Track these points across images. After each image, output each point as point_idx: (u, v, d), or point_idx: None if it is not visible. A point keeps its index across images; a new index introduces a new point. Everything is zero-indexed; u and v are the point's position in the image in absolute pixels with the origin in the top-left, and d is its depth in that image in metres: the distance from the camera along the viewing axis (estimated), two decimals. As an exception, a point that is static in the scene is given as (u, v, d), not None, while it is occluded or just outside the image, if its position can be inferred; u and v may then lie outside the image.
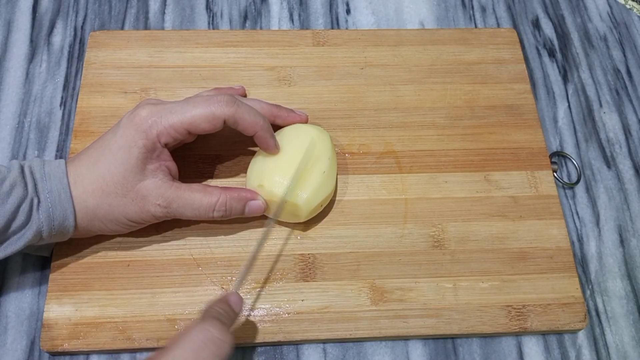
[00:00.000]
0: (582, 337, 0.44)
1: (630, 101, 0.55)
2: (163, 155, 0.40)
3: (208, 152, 0.48)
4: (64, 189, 0.38)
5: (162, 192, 0.40)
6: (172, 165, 0.41)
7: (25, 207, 0.37)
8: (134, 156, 0.39)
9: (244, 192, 0.42)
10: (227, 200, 0.41)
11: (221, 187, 0.42)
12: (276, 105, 0.46)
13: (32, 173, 0.39)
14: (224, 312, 0.36)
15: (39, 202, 0.38)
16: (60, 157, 0.49)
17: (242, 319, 0.42)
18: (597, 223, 0.49)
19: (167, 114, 0.39)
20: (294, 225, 0.45)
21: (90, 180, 0.39)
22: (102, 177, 0.39)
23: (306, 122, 0.47)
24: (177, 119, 0.39)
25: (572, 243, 0.48)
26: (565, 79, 0.56)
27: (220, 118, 0.40)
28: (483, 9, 0.59)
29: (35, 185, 0.38)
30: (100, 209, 0.39)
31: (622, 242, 0.48)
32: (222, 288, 0.43)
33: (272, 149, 0.43)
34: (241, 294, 0.42)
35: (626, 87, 0.56)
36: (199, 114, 0.40)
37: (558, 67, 0.56)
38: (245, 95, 0.50)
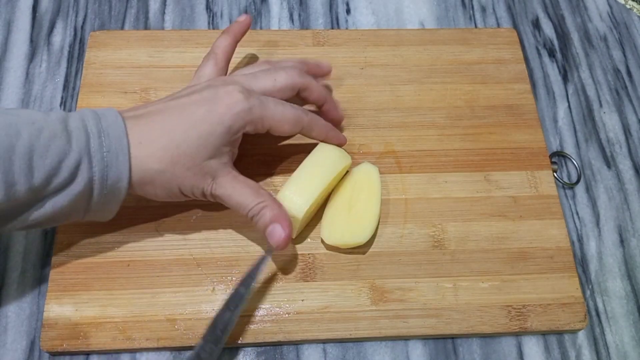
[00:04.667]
0: (582, 337, 0.44)
1: (630, 101, 0.55)
2: (237, 141, 0.41)
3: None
4: (122, 150, 0.36)
5: (218, 174, 0.40)
6: (236, 153, 0.42)
7: (69, 163, 0.35)
8: (216, 134, 0.38)
9: (283, 215, 0.40)
10: (265, 206, 0.39)
11: (273, 197, 0.41)
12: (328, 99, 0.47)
13: (84, 126, 0.36)
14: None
15: (90, 159, 0.36)
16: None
17: (242, 319, 0.42)
18: (597, 223, 0.49)
19: (261, 105, 0.40)
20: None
21: (162, 144, 0.38)
22: (176, 144, 0.38)
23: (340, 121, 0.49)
24: (269, 114, 0.40)
25: (572, 243, 0.48)
26: (565, 79, 0.56)
27: (301, 125, 0.42)
28: (483, 9, 0.59)
29: (88, 140, 0.36)
30: (162, 176, 0.38)
31: (622, 242, 0.48)
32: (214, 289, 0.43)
33: (343, 141, 0.46)
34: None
35: (626, 87, 0.56)
36: (287, 118, 0.41)
37: (558, 67, 0.56)
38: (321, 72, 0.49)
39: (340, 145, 0.46)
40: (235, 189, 0.40)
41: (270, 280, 0.43)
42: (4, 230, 0.36)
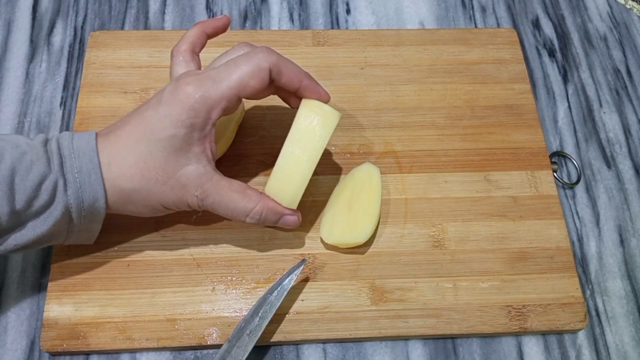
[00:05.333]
0: (582, 337, 0.44)
1: (630, 101, 0.55)
2: (210, 134, 0.37)
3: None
4: (94, 169, 0.35)
5: (202, 182, 0.37)
6: (214, 147, 0.38)
7: (48, 185, 0.34)
8: (179, 137, 0.35)
9: (281, 208, 0.40)
10: (263, 210, 0.39)
11: (260, 193, 0.39)
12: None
13: (59, 149, 0.36)
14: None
15: (65, 181, 0.35)
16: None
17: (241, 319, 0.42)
18: (597, 223, 0.49)
19: (214, 84, 0.36)
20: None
21: (129, 162, 0.36)
22: (143, 160, 0.36)
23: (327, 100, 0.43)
24: (225, 87, 0.36)
25: (572, 243, 0.48)
26: (565, 79, 0.56)
27: (266, 69, 0.37)
28: (483, 9, 0.59)
29: (62, 162, 0.35)
30: (136, 194, 0.37)
31: (622, 242, 0.48)
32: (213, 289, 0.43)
33: (324, 95, 0.41)
34: (241, 294, 0.42)
35: (626, 87, 0.56)
36: (245, 72, 0.36)
37: (558, 67, 0.56)
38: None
39: (319, 99, 0.41)
40: (224, 196, 0.38)
41: (270, 280, 0.43)
42: None
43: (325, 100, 0.41)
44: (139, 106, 0.38)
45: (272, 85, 0.40)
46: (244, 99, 0.44)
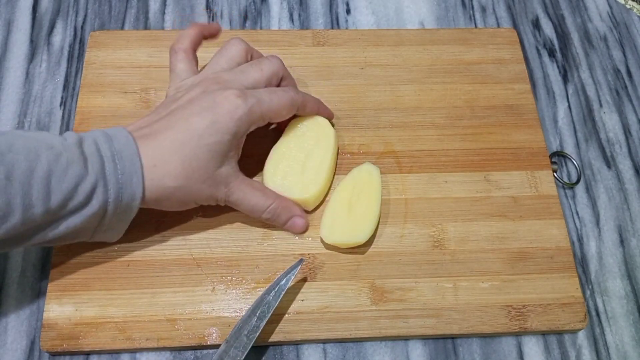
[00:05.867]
0: (582, 337, 0.44)
1: (630, 101, 0.55)
2: (241, 143, 0.42)
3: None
4: (136, 172, 0.37)
5: (230, 181, 0.41)
6: (240, 154, 0.43)
7: (85, 187, 0.36)
8: (224, 143, 0.39)
9: (294, 207, 0.44)
10: (278, 207, 0.43)
11: (276, 193, 0.44)
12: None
13: (98, 150, 0.37)
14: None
15: (105, 183, 0.36)
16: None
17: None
18: (597, 223, 0.49)
19: (258, 102, 0.41)
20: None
21: (176, 164, 0.38)
22: (188, 162, 0.39)
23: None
24: (266, 108, 0.41)
25: (572, 243, 0.48)
26: (565, 79, 0.56)
27: (296, 105, 0.43)
28: (483, 9, 0.59)
29: (102, 164, 0.37)
30: (178, 192, 0.39)
31: (622, 242, 0.48)
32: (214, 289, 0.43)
33: (331, 115, 0.49)
34: (241, 294, 0.42)
35: (626, 87, 0.56)
36: (284, 103, 0.42)
37: (558, 67, 0.56)
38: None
39: (330, 118, 0.48)
40: (246, 193, 0.42)
41: (270, 280, 0.43)
42: (16, 248, 0.37)
43: (332, 117, 0.49)
44: (172, 109, 0.40)
45: None
46: None
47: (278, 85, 0.45)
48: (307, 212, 0.46)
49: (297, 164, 0.45)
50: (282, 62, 0.45)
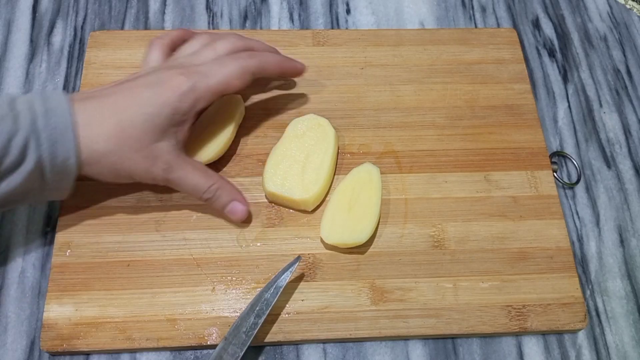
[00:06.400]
0: (582, 337, 0.44)
1: (630, 101, 0.55)
2: (189, 121, 0.41)
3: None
4: (68, 128, 0.37)
5: (169, 158, 0.41)
6: (186, 135, 0.42)
7: (18, 142, 0.36)
8: (162, 116, 0.39)
9: (237, 192, 0.44)
10: (219, 188, 0.42)
11: (221, 175, 0.43)
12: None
13: (31, 108, 0.37)
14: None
15: (37, 137, 0.36)
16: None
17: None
18: (597, 223, 0.49)
19: (203, 78, 0.40)
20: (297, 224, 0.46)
21: (110, 125, 0.38)
22: (123, 127, 0.39)
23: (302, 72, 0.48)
24: (213, 82, 0.41)
25: (572, 243, 0.48)
26: (565, 79, 0.56)
27: (250, 72, 0.42)
28: (483, 9, 0.59)
29: (34, 120, 0.37)
30: (109, 157, 0.39)
31: (622, 242, 0.48)
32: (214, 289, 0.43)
33: (300, 68, 0.47)
34: (241, 294, 0.42)
35: (626, 87, 0.56)
36: (232, 72, 0.41)
37: (558, 67, 0.56)
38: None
39: (298, 73, 0.47)
40: (187, 172, 0.42)
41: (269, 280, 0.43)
42: None
43: (302, 71, 0.47)
44: (123, 81, 0.41)
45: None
46: (243, 100, 0.49)
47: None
48: (307, 212, 0.46)
49: (297, 164, 0.45)
50: (239, 37, 0.45)
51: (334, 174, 0.47)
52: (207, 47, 0.44)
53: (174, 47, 0.46)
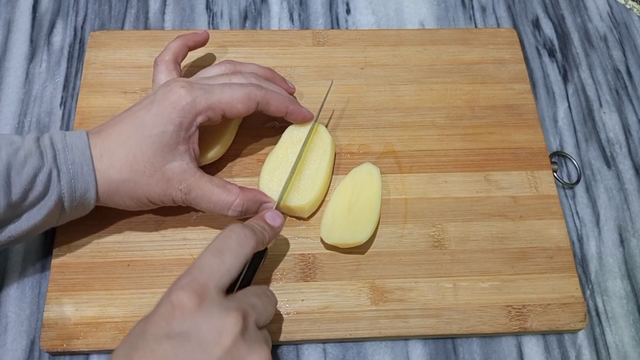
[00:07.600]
0: (582, 337, 0.44)
1: (630, 101, 0.55)
2: (194, 137, 0.41)
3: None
4: (86, 161, 0.38)
5: (185, 178, 0.40)
6: (197, 150, 0.42)
7: (42, 177, 0.37)
8: (168, 134, 0.39)
9: (259, 194, 0.43)
10: (244, 202, 0.42)
11: (239, 187, 0.42)
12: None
13: (52, 144, 0.38)
14: (258, 226, 0.38)
15: (59, 173, 0.38)
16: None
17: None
18: (597, 223, 0.49)
19: (205, 94, 0.40)
20: (296, 223, 0.45)
21: (120, 155, 0.39)
22: (132, 154, 0.39)
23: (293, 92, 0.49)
24: (215, 100, 0.40)
25: (572, 243, 0.48)
26: (565, 79, 0.56)
27: (255, 100, 0.42)
28: (483, 9, 0.59)
29: (55, 155, 0.38)
30: (124, 186, 0.39)
31: (622, 242, 0.48)
32: None
33: (308, 116, 0.46)
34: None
35: (626, 87, 0.56)
36: (237, 96, 0.41)
37: (558, 67, 0.56)
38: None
39: (304, 122, 0.46)
40: (206, 190, 0.41)
41: (270, 280, 0.43)
42: None
43: (309, 120, 0.46)
44: (130, 107, 0.41)
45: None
46: None
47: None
48: (302, 219, 0.46)
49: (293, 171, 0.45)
50: (262, 89, 0.43)
51: (331, 181, 0.47)
52: (224, 76, 0.44)
53: (178, 60, 0.46)
